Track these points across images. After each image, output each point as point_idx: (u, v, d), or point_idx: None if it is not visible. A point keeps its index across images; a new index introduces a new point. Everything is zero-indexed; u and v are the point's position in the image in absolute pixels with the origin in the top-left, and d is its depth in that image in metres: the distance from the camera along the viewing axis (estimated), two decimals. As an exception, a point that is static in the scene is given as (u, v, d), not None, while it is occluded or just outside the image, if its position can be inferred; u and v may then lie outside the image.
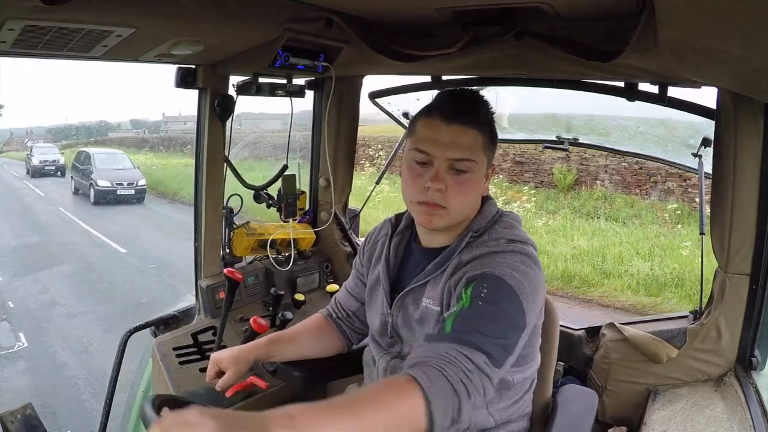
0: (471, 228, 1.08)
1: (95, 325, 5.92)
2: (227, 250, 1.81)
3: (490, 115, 1.08)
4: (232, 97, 1.65)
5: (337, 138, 2.02)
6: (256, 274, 1.84)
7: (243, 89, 1.64)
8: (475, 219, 1.09)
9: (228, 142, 1.71)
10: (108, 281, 7.47)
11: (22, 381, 4.68)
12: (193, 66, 1.56)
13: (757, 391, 1.32)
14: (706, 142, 1.53)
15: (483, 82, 1.74)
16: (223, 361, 1.19)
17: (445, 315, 0.96)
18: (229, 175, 1.75)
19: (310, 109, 2.05)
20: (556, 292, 6.39)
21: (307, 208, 2.08)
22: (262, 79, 1.64)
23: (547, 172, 9.72)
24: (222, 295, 1.68)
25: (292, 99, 1.78)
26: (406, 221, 1.21)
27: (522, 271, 0.98)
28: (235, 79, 1.64)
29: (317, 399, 1.25)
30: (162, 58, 1.37)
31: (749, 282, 1.36)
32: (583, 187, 9.23)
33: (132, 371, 1.85)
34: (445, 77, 1.74)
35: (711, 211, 1.40)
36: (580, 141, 1.91)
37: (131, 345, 1.71)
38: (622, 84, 1.48)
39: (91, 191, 13.85)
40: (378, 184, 2.49)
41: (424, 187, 1.02)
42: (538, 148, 9.40)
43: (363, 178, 9.59)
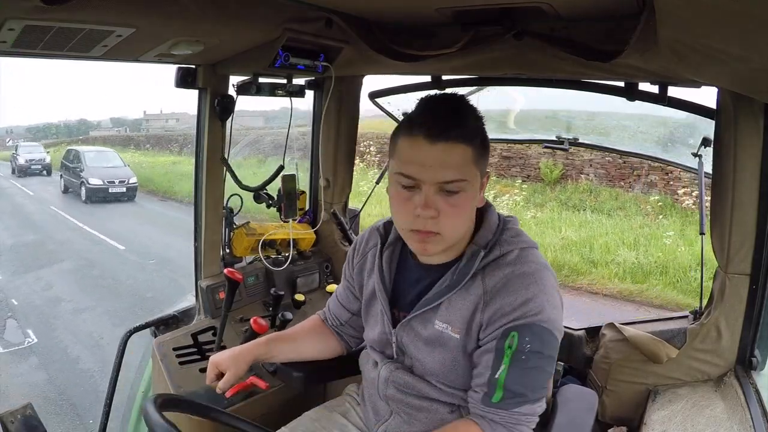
0: (478, 243, 1.02)
1: (104, 319, 5.95)
2: (227, 250, 1.81)
3: (479, 122, 0.99)
4: (232, 97, 1.65)
5: (337, 138, 2.02)
6: (256, 275, 1.84)
7: (243, 89, 1.64)
8: (480, 232, 1.03)
9: (228, 143, 1.71)
10: (110, 277, 7.50)
11: (37, 375, 4.72)
12: (193, 66, 1.56)
13: (757, 391, 1.32)
14: (706, 142, 1.53)
15: (483, 82, 1.74)
16: (223, 363, 1.17)
17: (494, 376, 0.97)
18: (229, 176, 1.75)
19: (304, 108, 2.04)
20: None
21: (307, 208, 2.08)
22: (262, 79, 1.64)
23: (534, 167, 9.85)
24: (222, 295, 1.67)
25: (292, 99, 1.78)
26: (396, 232, 1.13)
27: (547, 300, 0.96)
28: (235, 79, 1.64)
29: (317, 399, 1.25)
30: (162, 58, 1.37)
31: (749, 282, 1.36)
32: (569, 180, 9.42)
33: (132, 371, 1.85)
34: (445, 77, 1.75)
35: (711, 211, 1.39)
36: (580, 141, 1.91)
37: (131, 345, 1.71)
38: (622, 84, 1.48)
39: (83, 189, 13.80)
40: (378, 184, 2.49)
41: (415, 214, 0.95)
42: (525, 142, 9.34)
43: (355, 173, 9.53)
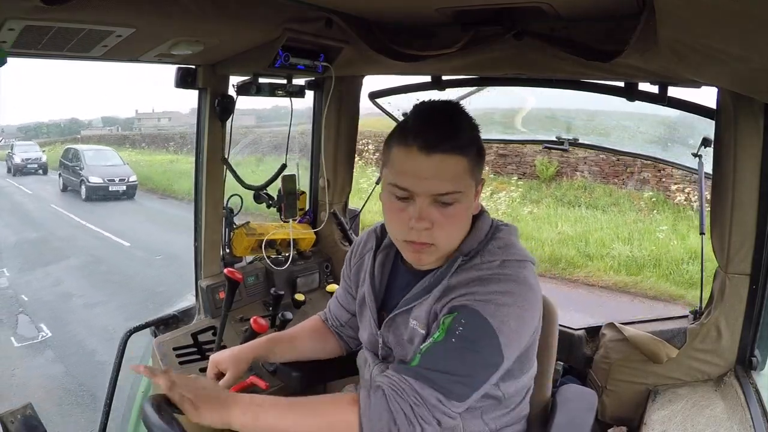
0: (461, 250, 1.00)
1: (117, 313, 5.97)
2: (227, 250, 1.81)
3: (475, 132, 0.97)
4: (232, 97, 1.65)
5: (337, 138, 2.02)
6: (256, 274, 1.84)
7: (243, 89, 1.64)
8: (466, 240, 1.01)
9: (228, 143, 1.71)
10: (119, 273, 7.55)
11: (55, 368, 4.76)
12: (193, 66, 1.56)
13: (757, 391, 1.32)
14: (706, 142, 1.53)
15: (483, 82, 1.74)
16: (223, 362, 1.18)
17: (419, 347, 0.93)
18: (229, 175, 1.75)
19: (302, 107, 2.03)
20: (545, 273, 6.71)
21: (307, 208, 2.08)
22: (262, 80, 1.64)
23: (529, 164, 10.04)
24: (222, 295, 1.68)
25: (292, 99, 1.78)
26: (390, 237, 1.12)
27: (508, 304, 0.92)
28: (235, 79, 1.64)
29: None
30: (162, 58, 1.37)
31: (749, 282, 1.36)
32: (564, 177, 9.63)
33: (132, 371, 1.85)
34: (445, 77, 1.75)
35: (711, 211, 1.40)
36: (580, 141, 1.91)
37: (131, 345, 1.71)
38: (622, 84, 1.48)
39: (83, 188, 13.81)
40: (378, 184, 2.48)
41: (409, 225, 0.94)
42: None
43: (354, 171, 9.61)
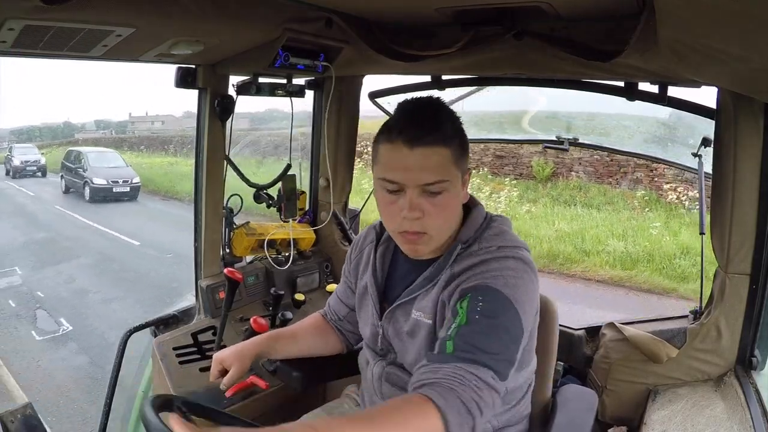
0: (459, 239, 1.04)
1: (136, 307, 6.06)
2: (227, 250, 1.81)
3: (457, 123, 1.01)
4: (232, 97, 1.65)
5: (337, 138, 2.02)
6: (256, 274, 1.84)
7: (243, 89, 1.64)
8: (462, 229, 1.06)
9: (228, 142, 1.71)
10: (132, 270, 7.68)
11: (79, 359, 4.88)
12: (193, 66, 1.56)
13: (757, 391, 1.32)
14: (706, 142, 1.53)
15: (483, 82, 1.74)
16: (227, 359, 1.19)
17: (446, 333, 0.93)
18: (229, 175, 1.75)
19: (301, 110, 2.04)
20: (543, 269, 6.90)
21: (307, 208, 2.08)
22: (262, 79, 1.64)
23: (526, 165, 10.33)
24: (222, 295, 1.68)
25: (292, 99, 1.78)
26: None
27: (515, 277, 0.96)
28: (235, 79, 1.64)
29: (316, 399, 1.25)
30: (162, 58, 1.37)
31: (749, 282, 1.36)
32: (559, 178, 9.93)
33: (132, 371, 1.85)
34: (445, 77, 1.75)
35: (711, 211, 1.40)
36: (580, 141, 1.91)
37: (131, 345, 1.71)
38: (622, 84, 1.48)
39: (86, 189, 13.96)
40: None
41: (401, 216, 0.98)
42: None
43: (355, 172, 9.72)
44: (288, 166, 1.81)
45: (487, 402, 0.86)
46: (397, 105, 1.03)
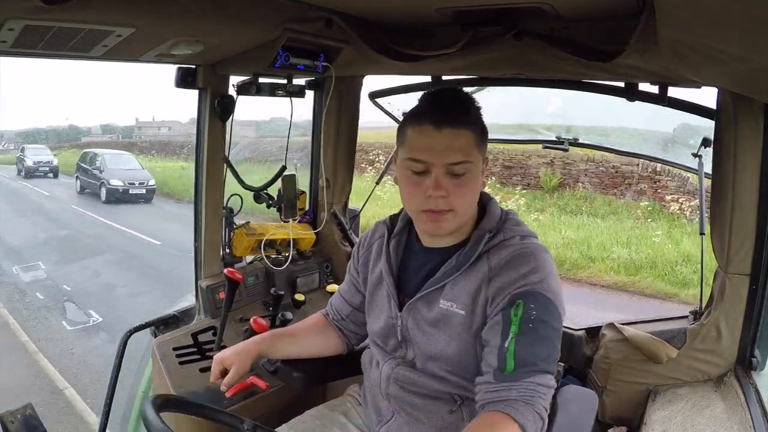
0: (483, 228, 1.08)
1: (163, 301, 6.15)
2: (227, 250, 1.81)
3: (478, 112, 1.07)
4: (232, 97, 1.65)
5: (337, 138, 2.02)
6: (256, 274, 1.84)
7: (243, 89, 1.64)
8: (485, 220, 1.10)
9: (228, 143, 1.71)
10: (155, 267, 7.90)
11: (111, 347, 5.11)
12: (193, 66, 1.56)
13: (757, 391, 1.32)
14: (706, 142, 1.53)
15: (483, 82, 1.74)
16: (227, 359, 1.19)
17: (503, 344, 0.98)
18: (229, 175, 1.75)
19: (303, 119, 2.05)
20: None
21: (307, 208, 2.08)
22: (262, 79, 1.64)
23: (533, 176, 10.73)
24: (222, 295, 1.67)
25: (292, 99, 1.78)
26: (403, 222, 1.20)
27: (551, 273, 1.02)
28: (235, 79, 1.64)
29: (317, 399, 1.25)
30: (162, 58, 1.37)
31: (749, 282, 1.36)
32: (566, 188, 10.33)
33: (132, 371, 1.85)
34: (445, 77, 1.75)
35: (711, 211, 1.39)
36: (580, 141, 1.91)
37: (131, 345, 1.71)
38: (622, 84, 1.48)
39: (102, 190, 14.36)
40: (378, 184, 2.49)
41: (426, 195, 1.02)
42: (526, 153, 10.63)
43: (368, 179, 10.10)
44: (283, 168, 1.80)
45: (549, 399, 0.98)
46: (422, 94, 1.09)
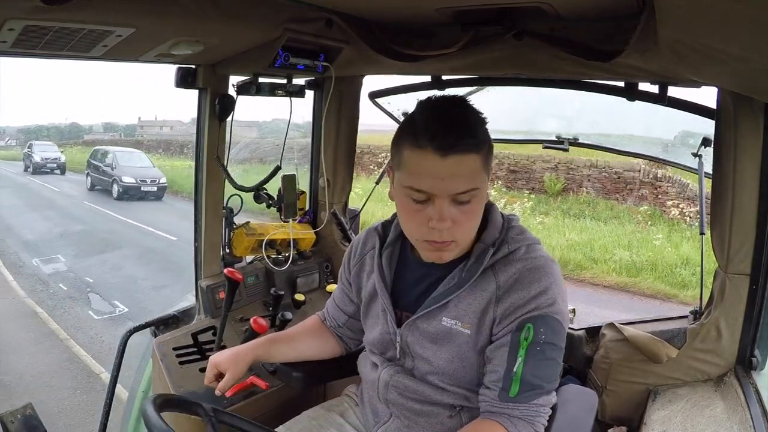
0: (485, 241, 1.03)
1: (186, 294, 6.27)
2: (227, 250, 1.81)
3: (484, 126, 0.96)
4: (232, 97, 1.65)
5: (337, 138, 2.02)
6: (256, 274, 1.83)
7: (243, 89, 1.64)
8: (487, 231, 1.04)
9: (228, 143, 1.71)
10: (174, 262, 7.98)
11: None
12: (193, 66, 1.56)
13: (757, 391, 1.32)
14: (706, 142, 1.53)
15: (483, 82, 1.74)
16: (222, 363, 1.17)
17: (510, 369, 0.98)
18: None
19: (303, 121, 2.05)
20: None
21: (307, 208, 2.08)
22: (262, 79, 1.64)
23: (538, 180, 11.01)
24: (222, 295, 1.67)
25: (292, 99, 1.78)
26: (395, 232, 1.13)
27: (558, 293, 1.00)
28: (235, 79, 1.64)
29: (316, 399, 1.25)
30: (162, 58, 1.37)
31: (749, 282, 1.36)
32: (570, 193, 10.66)
33: (132, 371, 1.85)
34: (445, 77, 1.75)
35: (711, 211, 1.39)
36: (580, 141, 1.91)
37: (131, 345, 1.71)
38: (622, 84, 1.48)
39: (114, 187, 14.57)
40: (378, 184, 2.49)
41: (429, 226, 0.94)
42: (531, 158, 10.98)
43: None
44: (277, 168, 1.78)
45: (549, 413, 1.01)
46: (417, 104, 0.97)
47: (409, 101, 1.96)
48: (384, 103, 2.01)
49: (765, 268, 1.34)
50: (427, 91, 1.81)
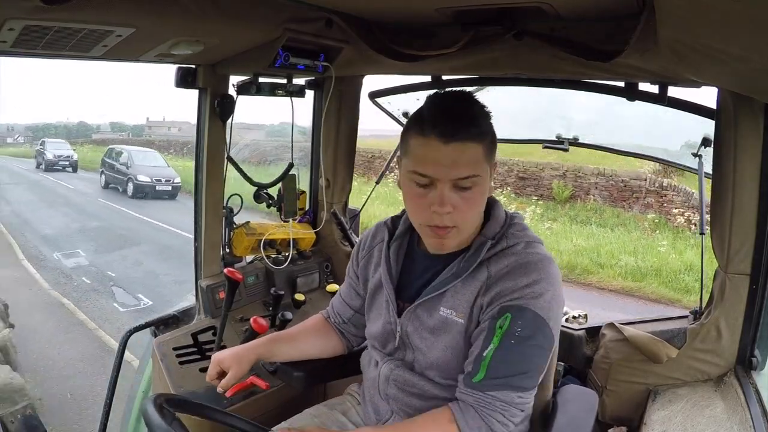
0: (486, 235, 1.05)
1: None
2: (227, 250, 1.81)
3: (488, 119, 1.00)
4: (232, 96, 1.65)
5: (337, 138, 2.02)
6: (256, 274, 1.84)
7: (243, 89, 1.64)
8: (488, 225, 1.06)
9: (228, 143, 1.71)
10: (193, 258, 8.14)
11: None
12: (193, 66, 1.56)
13: (757, 391, 1.32)
14: (706, 142, 1.53)
15: (483, 82, 1.74)
16: (225, 361, 1.18)
17: (482, 353, 0.98)
18: (229, 176, 1.75)
19: (306, 124, 2.06)
20: (563, 278, 7.27)
21: (307, 208, 2.08)
22: (262, 79, 1.64)
23: (547, 187, 11.26)
24: (222, 295, 1.68)
25: (292, 99, 1.78)
26: (404, 225, 1.16)
27: (549, 290, 0.99)
28: (235, 79, 1.64)
29: (317, 399, 1.25)
30: (162, 58, 1.37)
31: (749, 282, 1.36)
32: (578, 200, 10.94)
33: (132, 371, 1.85)
34: (445, 77, 1.75)
35: (711, 211, 1.39)
36: (580, 141, 1.91)
37: (131, 345, 1.71)
38: (622, 84, 1.48)
39: (129, 185, 14.79)
40: (378, 184, 2.50)
41: (431, 210, 0.98)
42: (540, 165, 11.22)
43: (389, 185, 10.30)
44: (290, 165, 1.81)
45: (513, 416, 0.98)
46: (427, 97, 1.02)
47: (409, 101, 1.96)
48: (384, 103, 2.01)
49: (765, 268, 1.34)
50: (427, 91, 1.81)
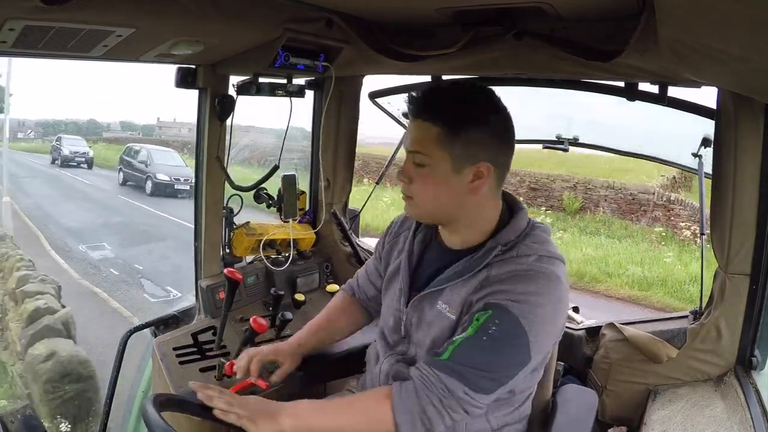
0: (499, 240, 1.04)
1: None
2: (227, 250, 1.81)
3: (468, 112, 1.00)
4: (232, 97, 1.64)
5: (337, 138, 2.02)
6: (256, 274, 1.84)
7: (243, 89, 1.64)
8: (504, 231, 1.05)
9: (228, 143, 1.71)
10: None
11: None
12: (193, 66, 1.56)
13: (757, 391, 1.32)
14: (706, 142, 1.53)
15: (483, 82, 1.74)
16: (280, 355, 1.24)
17: (453, 338, 0.99)
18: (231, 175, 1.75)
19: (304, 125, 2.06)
20: (572, 285, 8.25)
21: (307, 208, 2.08)
22: (262, 79, 1.64)
23: (557, 198, 11.57)
24: (222, 295, 1.68)
25: (292, 99, 1.78)
26: None
27: (541, 304, 0.96)
28: (235, 79, 1.64)
29: (317, 398, 1.25)
30: (162, 58, 1.37)
31: (749, 282, 1.36)
32: (587, 212, 11.25)
33: (132, 371, 1.85)
34: (445, 77, 1.75)
35: (711, 211, 1.39)
36: (580, 141, 1.91)
37: (131, 345, 1.71)
38: (622, 84, 1.48)
39: (148, 183, 15.07)
40: (378, 184, 2.49)
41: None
42: (551, 176, 11.52)
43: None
44: (275, 167, 1.78)
45: (453, 409, 0.96)
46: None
47: (409, 101, 1.95)
48: (384, 103, 2.01)
49: (765, 268, 1.34)
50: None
